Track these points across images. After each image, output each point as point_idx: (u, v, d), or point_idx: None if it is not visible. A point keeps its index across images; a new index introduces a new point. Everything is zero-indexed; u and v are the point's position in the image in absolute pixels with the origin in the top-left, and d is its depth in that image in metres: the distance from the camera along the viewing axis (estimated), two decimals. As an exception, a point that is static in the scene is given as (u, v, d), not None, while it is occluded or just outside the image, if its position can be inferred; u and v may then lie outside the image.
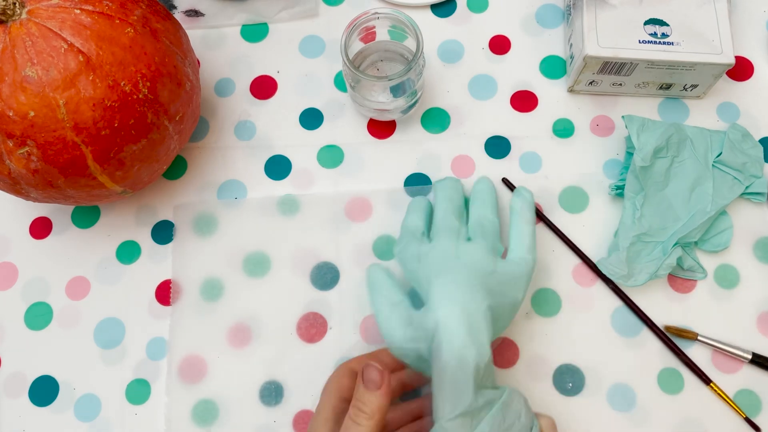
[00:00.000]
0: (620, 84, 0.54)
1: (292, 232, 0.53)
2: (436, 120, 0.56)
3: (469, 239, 0.47)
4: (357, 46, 0.52)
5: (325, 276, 0.52)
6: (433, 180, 0.54)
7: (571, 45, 0.55)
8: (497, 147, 0.55)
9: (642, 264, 0.49)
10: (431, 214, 0.50)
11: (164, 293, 0.52)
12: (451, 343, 0.40)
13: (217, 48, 0.59)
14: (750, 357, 0.48)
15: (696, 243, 0.51)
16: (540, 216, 0.52)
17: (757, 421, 0.47)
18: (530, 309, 0.51)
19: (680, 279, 0.51)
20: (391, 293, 0.46)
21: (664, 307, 0.50)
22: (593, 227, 0.53)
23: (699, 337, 0.49)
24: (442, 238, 0.46)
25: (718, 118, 0.55)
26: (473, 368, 0.40)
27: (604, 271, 0.50)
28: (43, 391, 0.50)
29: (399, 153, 0.55)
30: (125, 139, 0.44)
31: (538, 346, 0.50)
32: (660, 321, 0.50)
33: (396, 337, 0.43)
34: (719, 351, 0.49)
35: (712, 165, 0.52)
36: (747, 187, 0.51)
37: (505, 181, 0.53)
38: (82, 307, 0.52)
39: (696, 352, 0.49)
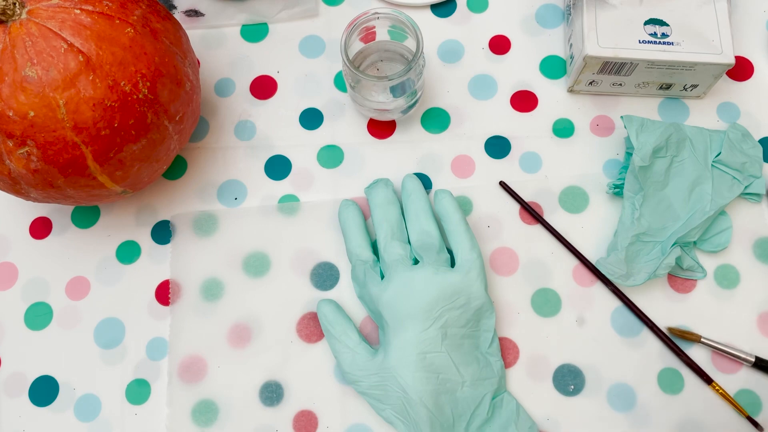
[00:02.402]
0: (620, 84, 0.54)
1: (292, 232, 0.53)
2: (436, 120, 0.56)
3: (415, 260, 0.49)
4: (357, 46, 0.52)
5: (325, 276, 0.52)
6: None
7: (571, 45, 0.55)
8: (497, 147, 0.55)
9: (641, 264, 0.50)
10: (366, 227, 0.51)
11: (164, 293, 0.52)
12: (407, 393, 0.45)
13: (217, 48, 0.59)
14: (753, 360, 0.48)
15: (695, 243, 0.51)
16: (539, 219, 0.52)
17: (757, 421, 0.47)
18: (528, 308, 0.51)
19: (680, 279, 0.51)
20: (347, 336, 0.48)
21: (665, 307, 0.50)
22: (593, 227, 0.53)
23: (702, 339, 0.49)
24: (392, 276, 0.48)
25: (718, 118, 0.55)
26: (427, 416, 0.45)
27: (603, 271, 0.50)
28: (43, 391, 0.50)
29: (399, 153, 0.55)
30: (125, 139, 0.44)
31: (538, 346, 0.50)
32: (661, 321, 0.50)
33: (362, 384, 0.47)
34: (719, 353, 0.49)
35: (712, 165, 0.52)
36: (746, 187, 0.51)
37: (503, 185, 0.53)
38: (82, 307, 0.52)
39: (696, 353, 0.49)
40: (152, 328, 0.51)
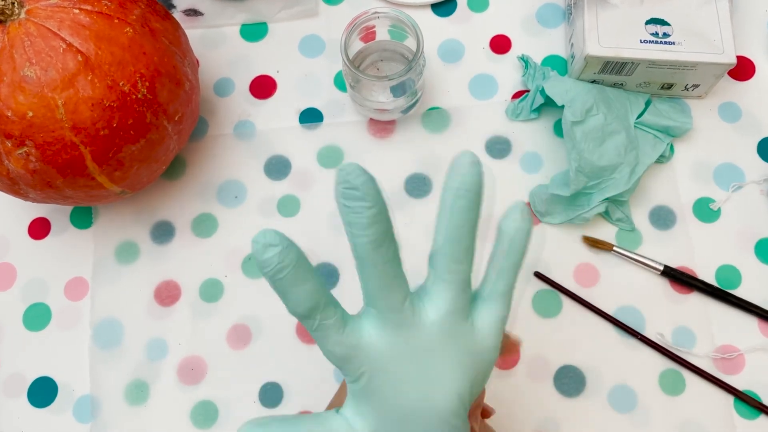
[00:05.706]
0: (622, 84, 0.54)
1: (292, 232, 0.53)
2: (436, 120, 0.56)
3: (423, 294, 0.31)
4: (357, 45, 0.52)
5: (325, 276, 0.52)
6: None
7: (572, 45, 0.55)
8: (497, 147, 0.55)
9: (563, 206, 0.51)
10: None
11: (164, 293, 0.52)
12: None
13: (217, 48, 0.59)
14: (662, 269, 0.50)
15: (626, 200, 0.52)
16: (578, 299, 0.51)
17: (759, 421, 0.48)
18: (529, 309, 0.51)
19: (681, 280, 0.51)
20: None
21: (664, 307, 0.50)
22: (595, 227, 0.52)
23: (614, 248, 0.51)
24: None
25: (719, 118, 0.55)
26: None
27: (530, 199, 0.53)
28: (42, 392, 0.50)
29: (399, 153, 0.55)
30: (124, 139, 0.44)
31: (539, 347, 0.50)
32: (660, 322, 0.50)
33: None
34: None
35: (634, 125, 0.52)
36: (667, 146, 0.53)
37: (538, 275, 0.51)
38: (81, 307, 0.52)
39: (696, 353, 0.49)
40: (152, 328, 0.51)
